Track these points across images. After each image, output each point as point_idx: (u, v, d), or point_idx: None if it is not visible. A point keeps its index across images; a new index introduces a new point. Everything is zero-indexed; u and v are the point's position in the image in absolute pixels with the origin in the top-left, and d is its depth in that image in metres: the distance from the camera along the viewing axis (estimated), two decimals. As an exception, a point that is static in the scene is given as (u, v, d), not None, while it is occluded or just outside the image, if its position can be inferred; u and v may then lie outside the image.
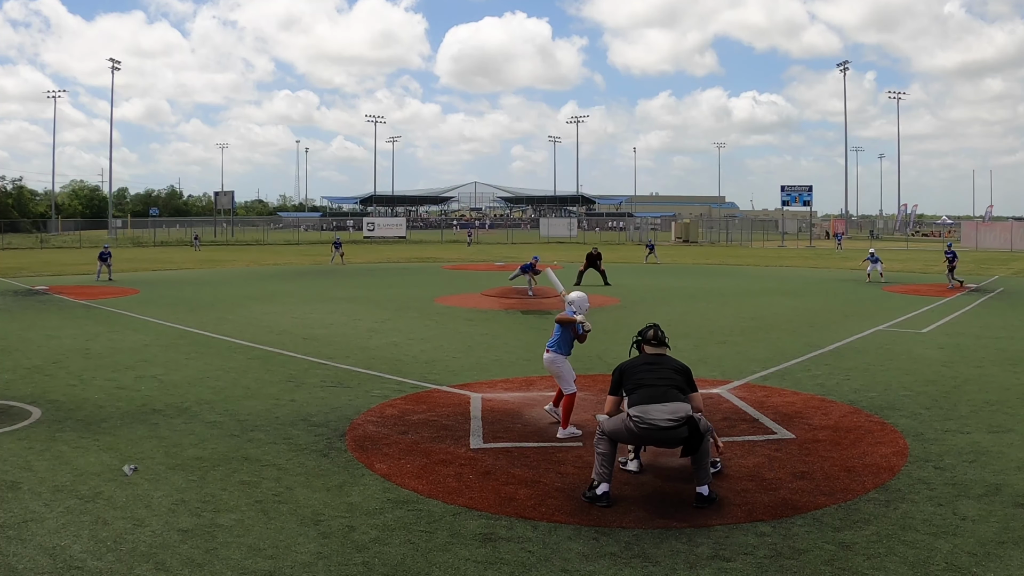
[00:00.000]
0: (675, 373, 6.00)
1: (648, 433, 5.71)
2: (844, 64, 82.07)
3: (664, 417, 5.67)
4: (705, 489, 5.70)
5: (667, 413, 5.69)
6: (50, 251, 48.89)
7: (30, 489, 5.93)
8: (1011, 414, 8.25)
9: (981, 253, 45.90)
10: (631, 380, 6.00)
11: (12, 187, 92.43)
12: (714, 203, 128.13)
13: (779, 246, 58.17)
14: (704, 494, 5.68)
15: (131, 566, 4.65)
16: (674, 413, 5.68)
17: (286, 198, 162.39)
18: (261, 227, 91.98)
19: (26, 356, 11.69)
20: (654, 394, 5.80)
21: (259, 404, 8.71)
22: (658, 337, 6.24)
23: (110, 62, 76.22)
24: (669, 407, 5.71)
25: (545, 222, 79.20)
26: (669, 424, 5.65)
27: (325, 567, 4.67)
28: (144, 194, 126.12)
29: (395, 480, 6.19)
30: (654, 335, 6.24)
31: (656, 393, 5.80)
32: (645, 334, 6.29)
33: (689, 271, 32.16)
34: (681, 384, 5.94)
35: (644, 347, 6.28)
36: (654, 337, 6.24)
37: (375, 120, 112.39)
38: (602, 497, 5.67)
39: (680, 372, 6.05)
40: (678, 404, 5.75)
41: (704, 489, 5.70)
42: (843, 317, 16.52)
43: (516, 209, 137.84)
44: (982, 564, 4.69)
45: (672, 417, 5.67)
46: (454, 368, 10.90)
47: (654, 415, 5.68)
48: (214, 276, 28.73)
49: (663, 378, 5.92)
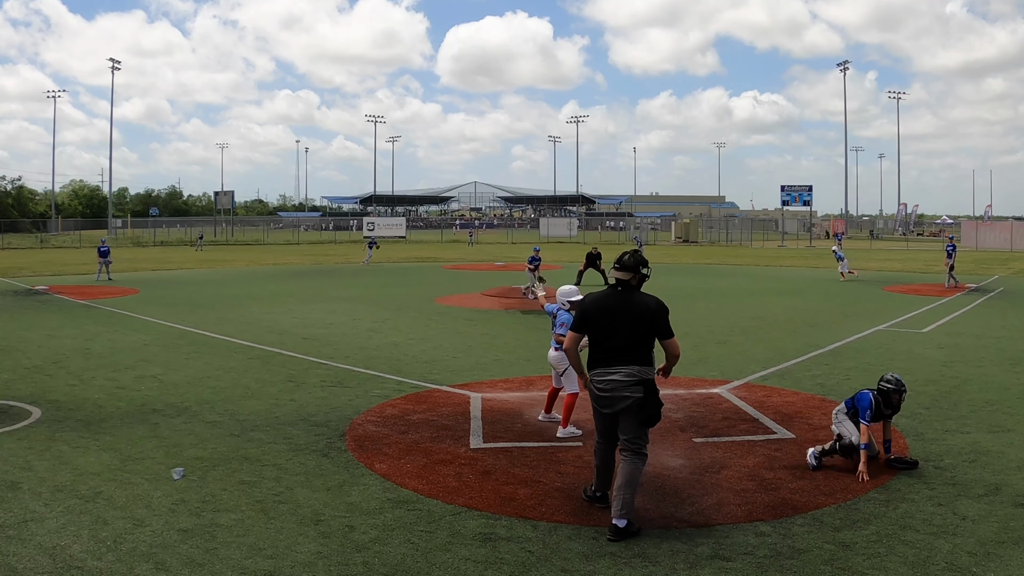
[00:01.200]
0: (639, 319, 5.23)
1: (607, 394, 5.23)
2: (844, 64, 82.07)
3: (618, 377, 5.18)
4: (622, 521, 5.09)
5: (624, 376, 5.18)
6: (50, 251, 48.88)
7: (30, 489, 5.93)
8: (1011, 414, 8.25)
9: (981, 253, 45.89)
10: (589, 327, 5.36)
11: (12, 187, 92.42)
12: (714, 203, 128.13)
13: (779, 246, 58.16)
14: (620, 527, 5.07)
15: (131, 566, 4.64)
16: (630, 377, 5.18)
17: (286, 198, 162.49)
18: (261, 227, 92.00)
19: (26, 356, 11.69)
20: (609, 355, 5.24)
21: (259, 404, 8.71)
22: (622, 261, 5.33)
23: (110, 62, 76.24)
24: (626, 370, 5.20)
25: (545, 222, 79.26)
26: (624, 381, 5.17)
27: (325, 567, 4.67)
28: (144, 194, 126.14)
29: (395, 480, 6.19)
30: (620, 258, 5.37)
31: (611, 354, 5.24)
32: (622, 259, 5.38)
33: (689, 271, 32.16)
34: (645, 335, 5.25)
35: (612, 272, 5.44)
36: (618, 260, 5.36)
37: (375, 120, 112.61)
38: (602, 498, 5.58)
39: (647, 315, 5.25)
40: (634, 368, 5.19)
41: (621, 521, 5.09)
42: (843, 317, 16.52)
43: (516, 209, 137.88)
44: (982, 564, 4.69)
45: (627, 379, 5.17)
46: (454, 368, 10.90)
47: (610, 376, 5.21)
48: (214, 276, 28.72)
49: (622, 330, 5.24)
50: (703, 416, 8.17)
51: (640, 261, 5.37)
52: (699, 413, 8.28)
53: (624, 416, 5.28)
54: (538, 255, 21.89)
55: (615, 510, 5.14)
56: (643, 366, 5.25)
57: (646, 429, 5.31)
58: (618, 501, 5.14)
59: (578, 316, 5.50)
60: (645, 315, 5.26)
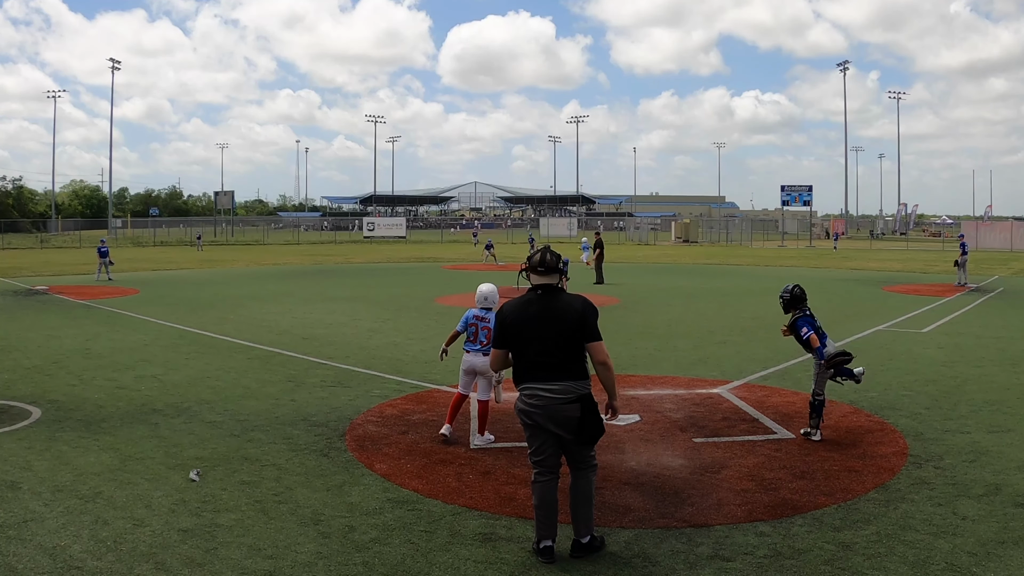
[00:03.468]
0: (565, 324, 4.71)
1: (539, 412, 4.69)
2: (844, 64, 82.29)
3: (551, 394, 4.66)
4: (585, 537, 4.79)
5: (558, 393, 4.66)
6: (50, 251, 48.87)
7: (30, 489, 5.93)
8: (1011, 414, 8.25)
9: (981, 253, 45.88)
10: (512, 339, 4.81)
11: (12, 187, 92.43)
12: (714, 203, 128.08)
13: (779, 246, 58.16)
14: (583, 542, 4.79)
15: (131, 566, 4.64)
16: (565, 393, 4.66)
17: (286, 198, 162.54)
18: (261, 227, 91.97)
19: (26, 356, 11.69)
20: (536, 368, 4.71)
21: (259, 404, 8.70)
22: (546, 262, 4.82)
23: (110, 62, 76.24)
24: (559, 386, 4.67)
25: (545, 221, 79.39)
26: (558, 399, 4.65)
27: (325, 567, 4.67)
28: (144, 194, 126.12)
29: (395, 480, 6.19)
30: (541, 259, 4.83)
31: (538, 366, 4.71)
32: (532, 260, 4.90)
33: (689, 271, 32.15)
34: (574, 343, 4.72)
35: (531, 276, 4.91)
36: (541, 263, 4.83)
37: (375, 120, 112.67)
38: (547, 552, 4.77)
39: (574, 318, 4.72)
40: (568, 384, 4.67)
41: (584, 537, 4.79)
42: (843, 317, 16.51)
43: (516, 209, 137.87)
44: (982, 564, 4.69)
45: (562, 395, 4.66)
46: (454, 368, 10.86)
47: (541, 393, 4.68)
48: (214, 276, 28.72)
49: (548, 339, 4.70)
50: (703, 416, 8.18)
51: (559, 261, 4.91)
52: (699, 413, 8.28)
53: (560, 437, 4.74)
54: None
55: (576, 531, 4.80)
56: (577, 380, 4.70)
57: (591, 447, 4.81)
58: (577, 523, 4.80)
59: (497, 329, 4.93)
60: (572, 319, 4.71)
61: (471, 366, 7.35)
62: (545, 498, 4.78)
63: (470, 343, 7.36)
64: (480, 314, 7.39)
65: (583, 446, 4.76)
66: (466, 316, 7.42)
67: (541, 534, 4.81)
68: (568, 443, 4.76)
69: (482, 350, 7.23)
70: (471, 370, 7.37)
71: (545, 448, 4.77)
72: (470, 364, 7.35)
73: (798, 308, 7.51)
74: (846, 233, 71.47)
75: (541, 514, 4.79)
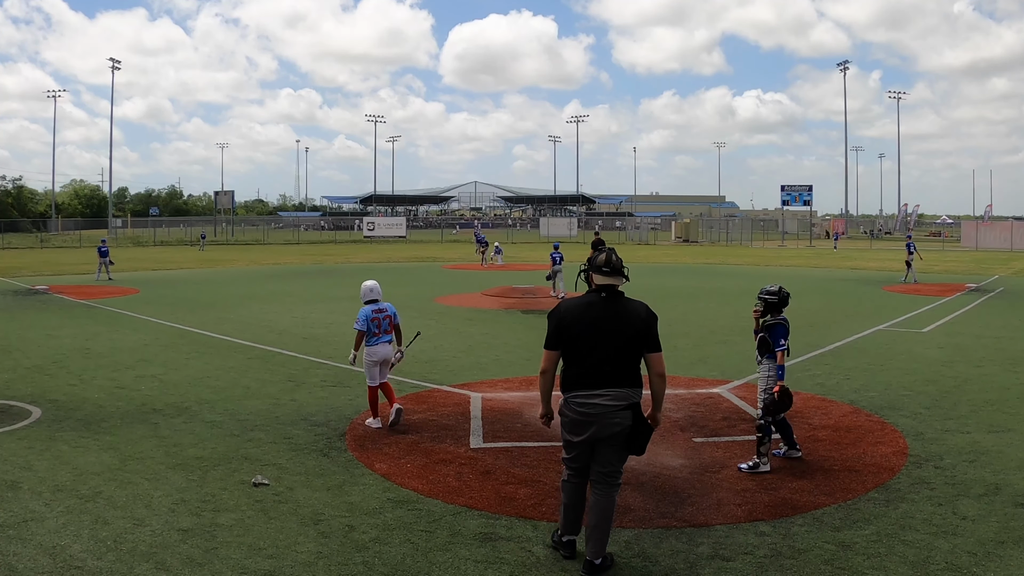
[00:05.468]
0: (629, 331, 4.56)
1: (592, 422, 4.56)
2: (844, 64, 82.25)
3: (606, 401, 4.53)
4: (598, 559, 4.62)
5: (612, 400, 4.53)
6: (50, 251, 48.87)
7: (30, 489, 5.93)
8: (1011, 414, 8.25)
9: (981, 253, 45.88)
10: (568, 342, 4.59)
11: (12, 187, 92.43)
12: (714, 203, 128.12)
13: (779, 246, 58.16)
14: (596, 563, 4.61)
15: (131, 566, 4.65)
16: (619, 400, 4.54)
17: (286, 198, 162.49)
18: (261, 227, 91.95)
19: (26, 356, 11.69)
20: (593, 374, 4.53)
21: (259, 404, 8.71)
22: (611, 263, 4.62)
23: (110, 62, 76.20)
24: (615, 393, 4.53)
25: (545, 221, 79.29)
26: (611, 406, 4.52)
27: (325, 567, 4.67)
28: (144, 194, 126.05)
29: (395, 480, 6.19)
30: (607, 260, 4.63)
31: (596, 373, 4.53)
32: (595, 261, 4.67)
33: (689, 271, 32.15)
34: (634, 350, 4.59)
35: (593, 277, 4.69)
36: (607, 263, 4.62)
37: (375, 120, 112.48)
38: (569, 545, 4.83)
39: (638, 326, 4.58)
40: (625, 391, 4.54)
41: (597, 559, 4.62)
42: (843, 317, 16.52)
43: (516, 209, 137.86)
44: (982, 564, 4.69)
45: (615, 403, 4.53)
46: (454, 368, 10.90)
47: (596, 400, 4.54)
48: (214, 276, 28.72)
49: (610, 345, 4.53)
50: (703, 416, 8.18)
51: (623, 264, 4.71)
52: (699, 413, 8.28)
53: (606, 445, 4.60)
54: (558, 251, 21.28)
55: (591, 551, 4.63)
56: (633, 388, 4.57)
57: (625, 459, 4.72)
58: (593, 542, 4.63)
59: (552, 330, 4.66)
60: (636, 326, 4.57)
61: (383, 356, 7.82)
62: (574, 498, 4.81)
63: (375, 337, 7.78)
64: (375, 308, 7.83)
65: (622, 458, 4.68)
66: (364, 315, 7.77)
67: (565, 529, 4.86)
68: (605, 456, 4.63)
69: (384, 339, 7.82)
70: (382, 360, 7.84)
71: (581, 457, 4.71)
72: (382, 355, 7.82)
73: (779, 312, 6.79)
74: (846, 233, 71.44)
75: (569, 513, 4.83)
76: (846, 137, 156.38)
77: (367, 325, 7.72)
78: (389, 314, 7.83)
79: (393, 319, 7.88)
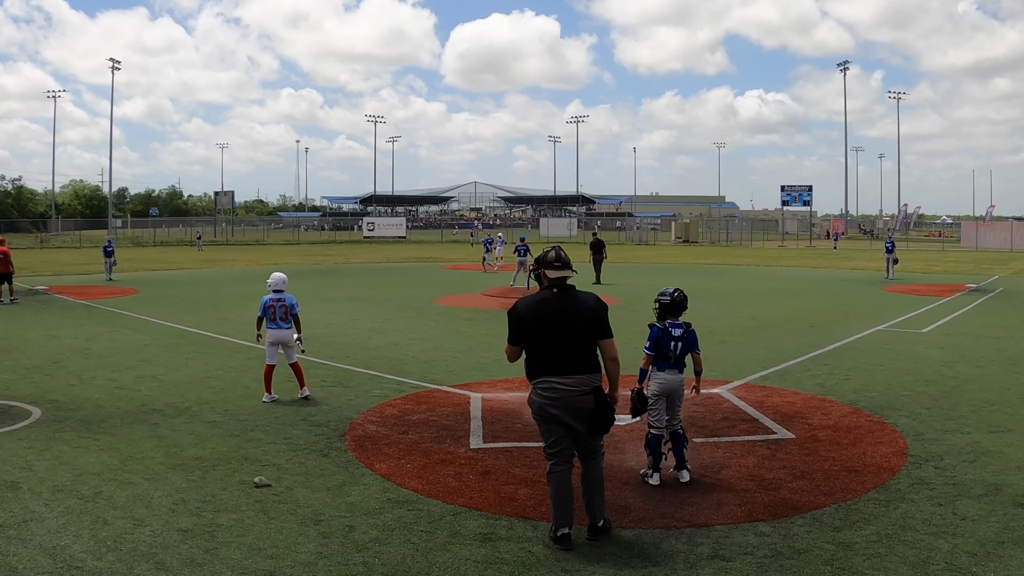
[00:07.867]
0: (582, 321, 4.95)
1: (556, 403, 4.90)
2: (844, 64, 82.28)
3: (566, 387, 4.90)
4: (601, 520, 5.08)
5: (573, 386, 4.91)
6: (50, 251, 48.87)
7: (30, 489, 5.93)
8: (1011, 414, 8.25)
9: (981, 253, 45.89)
10: (527, 337, 5.00)
11: (12, 187, 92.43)
12: (714, 203, 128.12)
13: (779, 246, 58.16)
14: (599, 526, 5.07)
15: (131, 566, 4.64)
16: (580, 386, 4.92)
17: (286, 198, 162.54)
18: (261, 227, 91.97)
19: (26, 356, 11.69)
20: (557, 362, 4.91)
21: (259, 404, 8.71)
22: (560, 258, 5.04)
23: (110, 62, 76.16)
24: (575, 379, 4.92)
25: (545, 221, 79.29)
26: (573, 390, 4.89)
27: (325, 567, 4.67)
28: (145, 194, 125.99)
29: (395, 480, 6.19)
30: (556, 256, 5.05)
31: (556, 361, 4.91)
32: (545, 258, 5.09)
33: (689, 271, 32.15)
34: (589, 339, 4.98)
35: (545, 273, 5.08)
36: (557, 259, 5.04)
37: (375, 120, 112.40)
38: (564, 539, 4.96)
39: (590, 316, 4.98)
40: (583, 377, 4.93)
41: (600, 521, 5.08)
42: (843, 317, 16.52)
43: (516, 209, 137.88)
44: (982, 564, 4.69)
45: (577, 388, 4.91)
46: (454, 368, 10.90)
47: (559, 385, 4.90)
48: (214, 276, 28.73)
49: (565, 337, 4.92)
50: (703, 416, 8.18)
51: (569, 259, 5.11)
52: (699, 413, 8.28)
53: (573, 429, 4.98)
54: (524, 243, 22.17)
55: (592, 515, 5.06)
56: (591, 374, 4.96)
57: (601, 436, 5.09)
58: (592, 508, 5.06)
59: (513, 327, 5.06)
60: (588, 316, 4.98)
61: (276, 339, 8.88)
62: (562, 487, 4.97)
63: (272, 322, 8.86)
64: (275, 297, 8.89)
65: (596, 435, 5.04)
66: (264, 302, 8.87)
67: (559, 522, 4.98)
68: (580, 434, 5.00)
69: (281, 325, 8.86)
70: (276, 342, 8.90)
71: (560, 441, 5.00)
72: (276, 338, 8.88)
73: (676, 316, 6.25)
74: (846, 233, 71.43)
75: (559, 503, 4.98)
76: (846, 137, 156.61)
77: (264, 311, 8.85)
78: (287, 304, 8.85)
79: (291, 309, 8.87)
